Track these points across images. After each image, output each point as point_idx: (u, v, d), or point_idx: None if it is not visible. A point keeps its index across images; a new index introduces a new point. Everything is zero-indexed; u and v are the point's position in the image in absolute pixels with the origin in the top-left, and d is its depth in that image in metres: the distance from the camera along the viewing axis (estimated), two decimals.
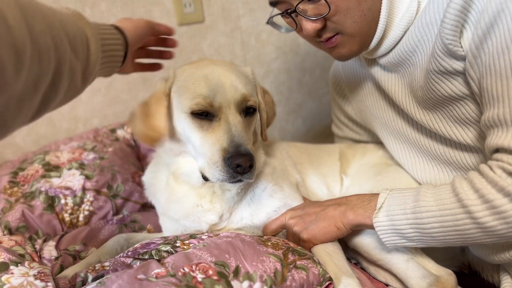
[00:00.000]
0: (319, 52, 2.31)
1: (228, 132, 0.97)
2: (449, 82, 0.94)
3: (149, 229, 1.35)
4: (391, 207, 0.93)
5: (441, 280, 0.95)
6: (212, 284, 0.80)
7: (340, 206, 1.02)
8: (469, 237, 0.85)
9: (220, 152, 0.95)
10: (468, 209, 0.82)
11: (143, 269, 0.84)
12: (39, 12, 0.62)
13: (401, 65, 1.08)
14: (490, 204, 0.79)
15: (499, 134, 0.82)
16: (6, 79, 0.52)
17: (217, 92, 0.99)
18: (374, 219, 0.94)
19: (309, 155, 1.36)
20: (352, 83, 1.33)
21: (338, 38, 1.04)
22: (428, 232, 0.89)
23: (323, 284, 0.91)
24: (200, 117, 0.99)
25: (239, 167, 0.93)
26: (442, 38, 0.89)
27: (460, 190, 0.84)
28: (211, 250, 0.89)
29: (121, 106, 1.74)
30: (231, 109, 1.00)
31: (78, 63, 0.72)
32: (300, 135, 2.30)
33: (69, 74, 0.69)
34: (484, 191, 0.80)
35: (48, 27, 0.62)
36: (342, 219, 1.01)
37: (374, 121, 1.26)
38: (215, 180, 0.97)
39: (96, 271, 0.94)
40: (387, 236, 0.94)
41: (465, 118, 0.97)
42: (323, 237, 1.03)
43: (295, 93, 2.29)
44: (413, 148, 1.16)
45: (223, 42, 2.00)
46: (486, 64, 0.83)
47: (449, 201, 0.85)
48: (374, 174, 1.23)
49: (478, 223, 0.81)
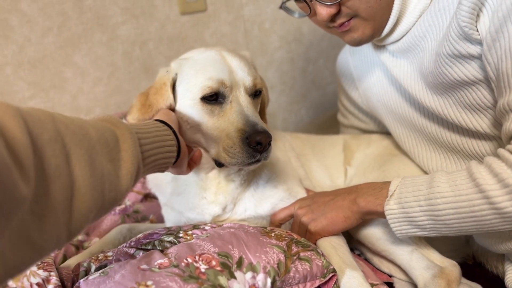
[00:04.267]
0: (323, 41, 2.30)
1: (241, 113, 0.96)
2: (462, 66, 0.93)
3: (151, 219, 1.35)
4: (403, 194, 0.90)
5: (445, 271, 0.95)
6: (215, 275, 0.80)
7: (350, 194, 1.01)
8: (486, 224, 0.82)
9: (237, 133, 0.93)
10: (486, 194, 0.79)
11: (146, 260, 0.84)
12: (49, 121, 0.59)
13: (410, 51, 1.07)
14: (510, 188, 0.76)
15: None
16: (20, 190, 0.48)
17: (226, 74, 0.99)
18: (386, 206, 0.91)
19: (313, 147, 1.35)
20: (360, 70, 1.31)
21: (352, 22, 1.03)
22: (442, 220, 0.86)
23: (327, 275, 0.91)
24: (211, 102, 0.98)
25: (259, 145, 0.91)
26: (458, 20, 0.88)
27: (478, 175, 0.81)
28: (214, 241, 0.89)
29: (123, 96, 1.73)
30: (241, 91, 0.99)
31: (109, 163, 0.67)
32: (304, 126, 2.28)
33: (97, 176, 0.64)
34: (503, 175, 0.77)
35: (59, 135, 0.59)
36: (351, 207, 0.99)
37: (381, 109, 1.25)
38: (233, 164, 0.95)
39: (99, 261, 0.94)
40: (398, 225, 0.91)
41: (476, 104, 0.95)
42: (331, 228, 1.02)
43: (299, 83, 2.28)
44: (420, 135, 1.15)
45: (225, 31, 1.98)
46: (505, 48, 0.81)
47: (466, 186, 0.82)
48: (379, 164, 1.22)
49: (497, 208, 0.78)
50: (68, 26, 1.54)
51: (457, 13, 0.89)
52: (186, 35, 1.85)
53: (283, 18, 2.11)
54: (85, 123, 0.68)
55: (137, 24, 1.71)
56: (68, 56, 1.56)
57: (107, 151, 0.68)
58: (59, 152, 0.58)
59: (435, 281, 0.92)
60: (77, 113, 1.63)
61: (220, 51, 1.05)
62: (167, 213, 1.18)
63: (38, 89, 1.52)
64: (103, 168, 0.65)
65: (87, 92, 1.64)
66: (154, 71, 1.78)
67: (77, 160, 0.61)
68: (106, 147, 0.68)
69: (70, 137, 0.61)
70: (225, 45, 1.97)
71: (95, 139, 0.66)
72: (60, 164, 0.57)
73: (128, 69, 1.72)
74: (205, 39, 1.92)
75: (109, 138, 0.70)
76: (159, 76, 1.06)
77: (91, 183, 0.62)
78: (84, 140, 0.63)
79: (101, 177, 0.65)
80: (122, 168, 0.70)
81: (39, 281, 0.86)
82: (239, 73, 1.01)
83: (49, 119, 0.59)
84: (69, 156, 0.60)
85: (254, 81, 1.02)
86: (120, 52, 1.68)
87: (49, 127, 0.58)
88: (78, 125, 0.65)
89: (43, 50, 1.50)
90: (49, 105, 1.55)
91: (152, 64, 1.77)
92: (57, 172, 0.56)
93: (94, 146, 0.65)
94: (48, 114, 0.60)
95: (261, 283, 0.82)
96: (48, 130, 0.57)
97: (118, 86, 1.71)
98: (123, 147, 0.72)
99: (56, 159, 0.57)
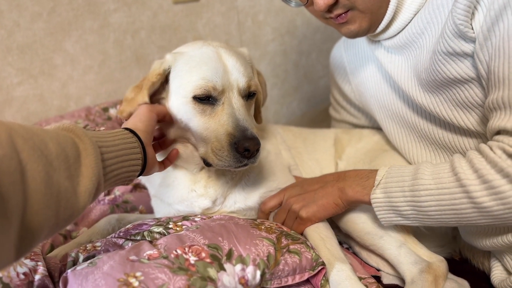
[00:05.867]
0: (317, 34, 2.30)
1: (232, 116, 0.95)
2: (455, 64, 0.93)
3: (141, 210, 1.34)
4: (389, 184, 0.93)
5: (433, 266, 0.96)
6: (205, 267, 0.80)
7: (338, 182, 1.02)
8: (465, 217, 0.85)
9: (226, 137, 0.93)
10: (466, 189, 0.82)
11: (135, 250, 0.84)
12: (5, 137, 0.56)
13: (407, 47, 1.07)
14: (489, 184, 0.79)
15: (501, 117, 0.82)
16: None
17: (220, 75, 0.97)
18: (372, 195, 0.94)
19: (304, 140, 1.35)
20: (354, 64, 1.31)
21: (349, 14, 1.02)
22: (424, 211, 0.89)
23: (316, 268, 0.91)
24: (202, 101, 0.97)
25: (247, 151, 0.91)
26: (454, 18, 0.89)
27: (459, 169, 0.84)
28: (204, 233, 0.89)
29: (114, 84, 1.71)
30: (234, 93, 0.98)
31: (66, 180, 0.65)
32: (295, 119, 2.28)
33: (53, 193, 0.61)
34: (483, 171, 0.80)
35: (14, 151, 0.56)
36: (340, 196, 1.01)
37: (373, 104, 1.25)
38: (220, 166, 0.95)
39: (88, 251, 0.94)
40: (383, 213, 0.95)
41: (467, 102, 0.96)
42: (322, 214, 1.03)
43: (291, 76, 2.27)
44: (412, 132, 1.15)
45: (218, 22, 1.96)
46: (496, 47, 0.82)
47: (448, 180, 0.85)
48: (370, 159, 1.22)
49: (475, 203, 0.81)
50: (58, 11, 1.51)
51: (452, 11, 0.89)
52: (178, 25, 1.83)
53: (277, 10, 2.09)
54: (46, 136, 0.65)
55: (129, 12, 1.69)
56: (58, 43, 1.53)
57: (65, 168, 0.65)
58: (15, 168, 0.56)
59: (422, 276, 0.93)
60: (66, 100, 1.60)
61: (218, 48, 1.03)
62: (157, 204, 1.17)
63: (26, 75, 1.49)
64: (59, 186, 0.63)
65: (77, 80, 1.62)
66: (146, 61, 1.76)
67: (33, 177, 0.58)
68: (65, 163, 0.65)
69: (27, 153, 0.58)
70: (218, 36, 1.96)
71: (54, 155, 0.64)
72: (15, 180, 0.55)
73: (120, 58, 1.70)
74: (198, 29, 1.90)
75: (70, 153, 0.67)
76: (153, 68, 1.04)
77: (46, 201, 0.60)
78: (42, 156, 0.61)
79: (57, 195, 0.62)
80: (80, 185, 0.68)
81: (25, 271, 0.85)
82: (234, 73, 0.99)
83: (5, 134, 0.57)
84: (25, 173, 0.57)
85: (249, 83, 1.01)
86: (111, 40, 1.66)
87: (4, 143, 0.55)
88: (38, 139, 0.62)
89: (33, 35, 1.47)
90: (38, 91, 1.53)
91: (144, 53, 1.75)
92: (10, 189, 0.54)
93: (52, 163, 0.63)
94: (5, 128, 0.58)
95: (251, 276, 0.82)
96: (3, 146, 0.55)
97: (109, 74, 1.69)
98: (84, 162, 0.70)
99: (10, 177, 0.55)
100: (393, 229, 1.03)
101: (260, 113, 1.16)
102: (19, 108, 1.51)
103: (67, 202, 0.65)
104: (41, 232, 0.61)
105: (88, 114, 1.54)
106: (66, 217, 0.66)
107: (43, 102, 1.56)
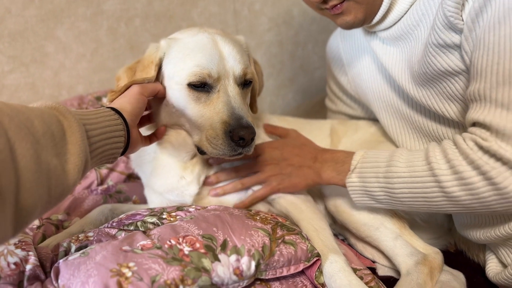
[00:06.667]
0: (313, 25, 2.28)
1: (228, 104, 0.93)
2: (445, 56, 0.93)
3: (134, 200, 1.32)
4: (364, 169, 0.96)
5: (428, 258, 0.96)
6: (199, 257, 0.79)
7: (316, 163, 1.06)
8: (435, 205, 0.89)
9: (221, 125, 0.91)
10: (437, 178, 0.85)
11: (128, 241, 0.83)
12: None
13: (402, 39, 1.06)
14: (459, 175, 0.82)
15: (476, 109, 0.83)
16: None
17: (215, 63, 0.95)
18: (347, 179, 0.98)
19: (299, 130, 1.34)
20: (350, 55, 1.30)
21: (344, 5, 1.01)
22: (397, 197, 0.92)
23: (311, 260, 0.90)
24: (197, 89, 0.95)
25: (242, 140, 0.90)
26: (444, 10, 0.88)
27: (433, 159, 0.87)
28: (198, 223, 0.88)
29: (107, 73, 1.68)
30: (229, 81, 0.97)
31: (54, 158, 0.65)
32: (291, 110, 2.27)
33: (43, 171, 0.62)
34: (455, 162, 0.83)
35: (2, 129, 0.57)
36: (314, 178, 1.06)
37: (369, 95, 1.25)
38: (214, 154, 0.94)
39: (80, 241, 0.92)
40: (358, 196, 0.98)
41: (458, 95, 0.96)
42: (291, 190, 1.08)
43: (287, 66, 2.25)
44: (406, 123, 1.15)
45: (214, 11, 1.94)
46: (479, 38, 0.82)
47: (421, 168, 0.88)
48: None
49: (446, 192, 0.85)
50: None
51: (442, 3, 0.89)
52: (173, 13, 1.81)
53: (274, 1, 2.07)
54: (31, 114, 0.65)
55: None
56: (50, 30, 1.50)
57: (53, 145, 0.66)
58: (3, 146, 0.56)
59: (418, 268, 0.93)
60: (58, 89, 1.58)
61: (214, 34, 1.01)
62: (149, 194, 1.16)
63: (18, 63, 1.46)
64: (48, 163, 0.63)
65: (70, 68, 1.59)
66: (140, 49, 1.73)
67: (22, 155, 0.58)
68: (52, 140, 0.66)
69: (14, 131, 0.58)
70: (214, 25, 1.93)
71: (41, 132, 0.64)
72: (5, 158, 0.55)
73: (113, 46, 1.67)
74: (193, 18, 1.87)
75: (56, 131, 0.67)
76: (147, 52, 1.03)
77: (37, 178, 0.60)
78: (29, 134, 0.61)
79: (47, 172, 0.63)
80: (68, 162, 0.68)
81: (16, 261, 0.83)
82: (230, 61, 0.97)
83: None
84: (14, 151, 0.57)
85: (245, 70, 0.99)
86: (104, 28, 1.63)
87: None
88: (23, 117, 0.62)
89: (24, 22, 1.44)
90: (30, 80, 1.50)
91: (137, 41, 1.73)
92: (1, 167, 0.54)
93: (39, 140, 0.63)
94: None
95: (245, 266, 0.81)
96: None
97: (102, 63, 1.67)
98: (70, 140, 0.70)
99: (1, 154, 0.55)
100: (389, 220, 1.02)
101: (255, 102, 1.15)
102: (10, 96, 1.48)
103: (57, 180, 0.65)
104: (35, 210, 0.61)
105: (81, 103, 1.52)
106: (57, 195, 0.66)
107: (35, 90, 1.54)
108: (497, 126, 0.78)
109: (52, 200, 0.65)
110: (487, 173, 0.79)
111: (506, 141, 0.78)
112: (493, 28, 0.79)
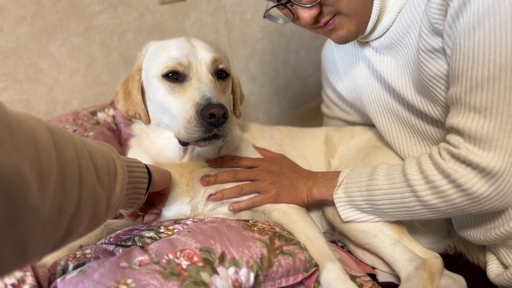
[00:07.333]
0: (305, 32, 2.29)
1: (199, 89, 0.97)
2: (435, 62, 0.94)
3: None
4: (349, 184, 1.02)
5: (428, 263, 0.95)
6: (197, 271, 0.78)
7: (309, 180, 1.11)
8: (415, 213, 0.95)
9: (192, 107, 0.94)
10: (413, 188, 0.91)
11: (126, 257, 0.82)
12: (71, 141, 0.63)
13: (394, 47, 1.07)
14: (432, 184, 0.88)
15: (454, 112, 0.87)
16: (31, 200, 0.50)
17: (186, 52, 1.02)
18: (334, 194, 1.04)
19: (292, 137, 1.34)
20: (345, 61, 1.31)
21: (336, 20, 1.02)
22: (380, 208, 0.98)
23: (310, 270, 0.90)
24: (171, 80, 1.01)
25: (213, 117, 0.91)
26: (428, 16, 0.90)
27: (409, 171, 0.93)
28: (196, 236, 0.87)
29: (102, 87, 1.68)
30: (202, 69, 1.02)
31: (103, 192, 0.70)
32: (286, 117, 2.27)
33: (93, 202, 0.67)
34: (428, 172, 0.89)
35: (76, 156, 0.62)
36: (308, 194, 1.10)
37: (365, 100, 1.25)
38: (192, 140, 0.95)
39: (77, 259, 0.92)
40: (344, 209, 1.03)
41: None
42: (288, 201, 1.10)
43: (281, 74, 2.26)
44: (404, 126, 1.15)
45: (206, 21, 1.94)
46: (456, 43, 0.84)
47: (399, 180, 0.94)
48: (363, 156, 1.22)
49: (422, 200, 0.91)
50: (42, 15, 1.48)
51: (426, 10, 0.90)
52: (166, 25, 1.81)
53: (265, 8, 2.07)
54: (95, 147, 0.71)
55: (115, 14, 1.66)
56: (42, 47, 1.51)
57: (106, 179, 0.71)
58: (75, 172, 0.61)
59: (418, 273, 0.93)
60: (53, 105, 1.58)
61: (191, 38, 1.09)
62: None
63: (11, 80, 1.46)
64: (98, 196, 0.68)
65: (64, 83, 1.59)
66: (133, 62, 1.72)
67: (85, 183, 0.63)
68: (107, 175, 0.71)
69: (84, 160, 0.64)
70: (206, 35, 1.94)
71: (100, 166, 0.69)
72: (74, 183, 0.60)
73: (106, 60, 1.67)
74: (185, 29, 1.88)
75: (111, 168, 0.73)
76: (136, 62, 1.12)
77: (88, 207, 0.65)
78: (92, 165, 0.66)
79: (95, 204, 0.67)
80: (111, 199, 0.73)
81: (14, 282, 0.82)
82: (202, 51, 1.04)
83: (70, 138, 0.63)
84: (82, 177, 0.62)
85: (215, 57, 1.04)
86: (97, 43, 1.64)
87: (70, 146, 0.61)
88: (89, 148, 0.68)
89: (16, 40, 1.44)
90: (24, 97, 1.50)
91: (130, 55, 1.73)
92: (71, 190, 0.59)
93: (98, 173, 0.68)
94: (69, 133, 0.64)
95: (244, 278, 0.81)
96: (70, 149, 0.61)
97: (96, 77, 1.67)
98: (118, 179, 0.75)
99: (73, 178, 0.60)
100: (387, 227, 1.02)
101: (238, 106, 1.18)
102: None
103: (99, 213, 0.69)
104: (76, 235, 0.65)
105: (76, 118, 1.51)
106: (92, 226, 0.71)
107: (30, 107, 1.53)
108: (469, 131, 0.82)
109: (87, 230, 0.69)
110: (456, 181, 0.84)
111: (477, 145, 0.82)
112: (468, 34, 0.81)
